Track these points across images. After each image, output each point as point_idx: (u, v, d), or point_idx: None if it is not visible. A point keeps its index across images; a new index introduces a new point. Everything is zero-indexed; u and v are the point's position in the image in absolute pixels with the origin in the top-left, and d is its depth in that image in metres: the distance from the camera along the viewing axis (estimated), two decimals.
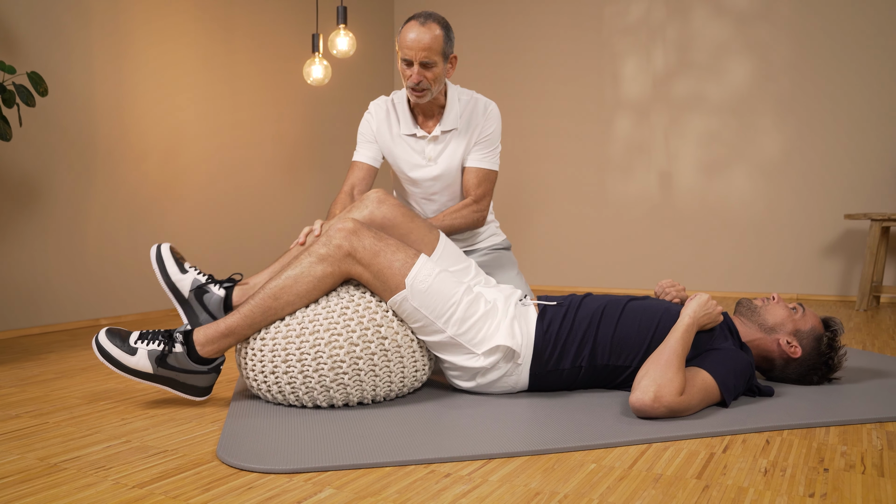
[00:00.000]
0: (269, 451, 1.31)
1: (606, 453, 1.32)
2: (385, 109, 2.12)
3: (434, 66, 1.94)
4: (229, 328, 1.60)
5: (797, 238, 3.97)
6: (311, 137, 4.31)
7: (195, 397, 1.66)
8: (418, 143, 2.09)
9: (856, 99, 3.81)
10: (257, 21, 3.89)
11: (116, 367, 1.58)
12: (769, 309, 1.77)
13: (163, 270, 1.74)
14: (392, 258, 1.61)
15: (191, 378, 1.62)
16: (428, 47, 1.90)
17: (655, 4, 4.27)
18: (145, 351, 1.59)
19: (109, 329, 1.61)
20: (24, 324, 2.86)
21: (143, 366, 1.58)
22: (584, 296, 1.76)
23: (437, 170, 2.09)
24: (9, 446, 1.40)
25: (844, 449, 1.34)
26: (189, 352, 1.60)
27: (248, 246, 3.89)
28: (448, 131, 2.07)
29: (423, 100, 1.99)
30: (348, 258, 1.61)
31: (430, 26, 1.92)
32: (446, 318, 1.61)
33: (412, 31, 1.92)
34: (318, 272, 1.60)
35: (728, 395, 1.55)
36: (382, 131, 2.11)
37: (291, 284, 1.60)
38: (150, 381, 1.60)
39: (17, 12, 2.79)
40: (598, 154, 4.47)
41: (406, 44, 1.92)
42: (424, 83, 1.95)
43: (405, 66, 1.96)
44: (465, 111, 2.07)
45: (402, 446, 1.34)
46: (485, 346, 1.63)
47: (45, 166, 2.90)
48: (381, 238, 1.63)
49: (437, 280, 1.62)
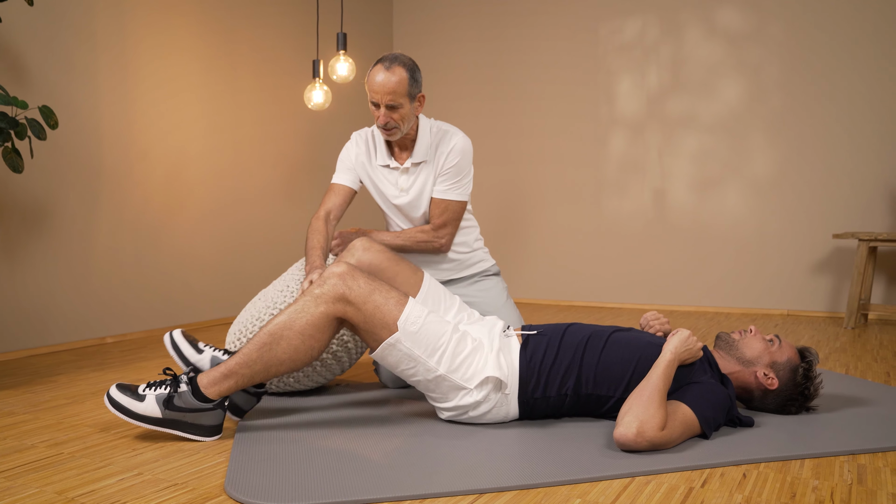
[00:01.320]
0: (273, 486, 1.40)
1: (591, 487, 1.41)
2: (365, 140, 2.25)
3: (400, 107, 2.04)
4: (229, 369, 1.67)
5: (787, 255, 4.06)
6: (311, 161, 4.39)
7: (204, 438, 1.71)
8: (392, 173, 2.21)
9: (845, 119, 3.90)
10: (259, 48, 3.98)
11: (127, 416, 1.66)
12: (746, 342, 1.85)
13: (180, 355, 1.84)
14: (383, 301, 1.69)
15: (199, 417, 1.69)
16: (393, 91, 2.00)
17: (650, 24, 4.36)
18: (153, 396, 1.66)
19: (119, 384, 1.69)
20: (32, 344, 2.94)
21: (151, 410, 1.66)
22: (567, 325, 1.84)
23: (408, 198, 2.21)
24: (27, 479, 1.48)
25: (816, 483, 1.43)
26: (194, 391, 1.67)
27: (250, 266, 3.97)
28: (418, 163, 2.18)
29: (393, 137, 2.11)
30: (342, 300, 1.68)
31: (396, 70, 2.01)
32: (438, 355, 1.69)
33: (379, 74, 2.01)
34: (313, 310, 1.68)
35: (708, 428, 1.64)
36: (362, 161, 2.24)
37: (286, 322, 1.68)
38: (160, 427, 1.67)
39: (26, 43, 2.87)
40: (593, 171, 4.56)
41: (373, 87, 2.02)
42: (391, 123, 2.06)
43: (374, 108, 2.06)
44: (433, 143, 2.18)
45: (398, 480, 1.42)
46: (476, 379, 1.72)
47: (53, 191, 2.99)
48: (373, 281, 1.72)
49: (426, 321, 1.70)
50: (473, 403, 1.74)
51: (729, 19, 4.15)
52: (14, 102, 2.29)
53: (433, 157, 2.18)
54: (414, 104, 2.08)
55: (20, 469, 1.55)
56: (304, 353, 1.69)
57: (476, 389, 1.72)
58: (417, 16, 5.10)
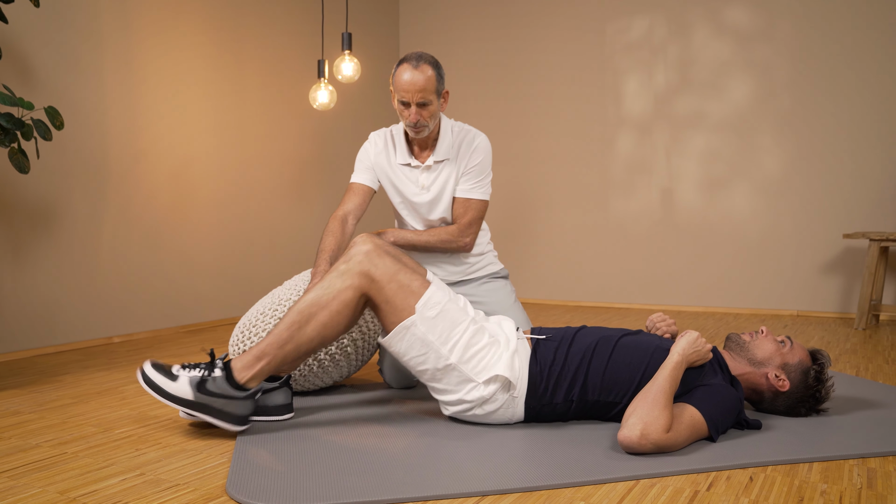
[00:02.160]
0: (275, 487, 1.39)
1: (595, 490, 1.39)
2: (384, 139, 2.25)
3: (430, 104, 2.06)
4: (261, 351, 1.67)
5: (797, 255, 4.02)
6: (317, 160, 4.39)
7: (233, 426, 1.69)
8: (413, 172, 2.21)
9: (855, 118, 3.86)
10: (265, 48, 3.98)
11: (158, 394, 1.65)
12: (757, 343, 1.82)
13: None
14: (407, 282, 1.69)
15: (229, 405, 1.67)
16: (423, 88, 2.02)
17: (657, 22, 4.33)
18: (186, 377, 1.66)
19: (154, 362, 1.69)
20: (39, 343, 2.95)
21: (183, 392, 1.65)
22: (577, 329, 1.82)
23: (430, 196, 2.21)
24: (31, 479, 1.48)
25: (825, 487, 1.40)
26: (228, 377, 1.66)
27: (256, 266, 3.98)
28: (440, 161, 2.19)
29: (422, 135, 2.12)
30: (366, 276, 1.68)
31: (423, 68, 2.03)
32: (452, 343, 1.68)
33: (406, 73, 2.03)
34: (339, 286, 1.67)
35: (715, 430, 1.62)
36: (381, 160, 2.24)
37: (314, 299, 1.67)
38: (189, 409, 1.66)
39: (32, 44, 2.88)
40: (600, 171, 4.53)
41: (402, 86, 2.03)
42: (422, 121, 2.07)
43: (402, 107, 2.07)
44: (456, 142, 2.19)
45: (400, 482, 1.41)
46: (485, 374, 1.70)
47: (60, 192, 3.00)
48: (398, 262, 1.71)
49: (445, 307, 1.70)
50: (479, 399, 1.72)
51: (737, 18, 4.12)
52: (20, 103, 2.29)
53: (455, 156, 2.19)
54: (440, 101, 2.11)
55: (23, 469, 1.54)
56: (332, 328, 1.68)
57: (484, 385, 1.71)
58: (424, 16, 5.10)
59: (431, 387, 1.77)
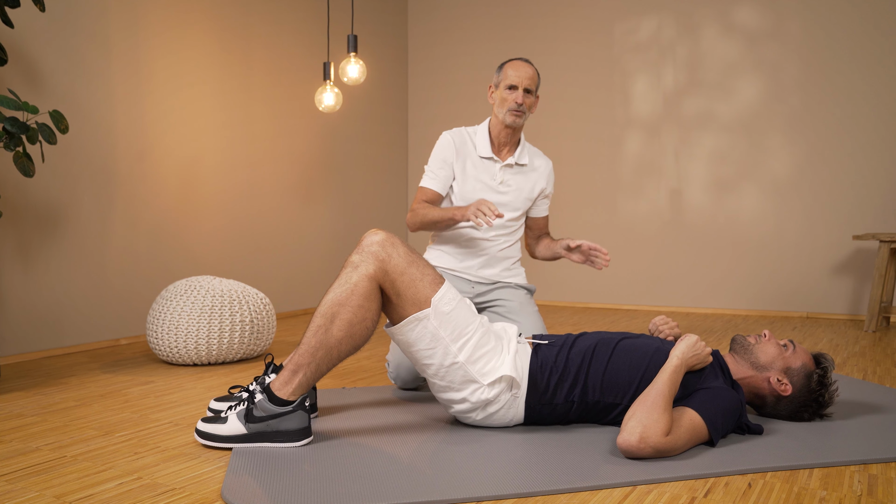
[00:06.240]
0: (271, 492, 1.39)
1: (591, 496, 1.38)
2: (461, 135, 2.39)
3: (532, 93, 2.31)
4: (296, 364, 1.65)
5: (806, 256, 3.98)
6: (324, 162, 4.40)
7: (295, 443, 1.67)
8: (493, 165, 2.35)
9: (865, 119, 3.81)
10: (272, 50, 3.99)
11: (217, 443, 1.67)
12: (761, 347, 1.81)
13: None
14: (420, 275, 1.69)
15: (281, 422, 1.66)
16: (532, 77, 2.30)
17: (666, 23, 4.30)
18: (234, 415, 1.67)
19: (204, 417, 1.71)
20: (47, 345, 2.97)
21: (236, 429, 1.66)
22: (578, 335, 1.82)
23: (507, 197, 2.35)
24: (28, 483, 1.49)
25: (824, 494, 1.38)
26: (271, 398, 1.65)
27: (264, 267, 3.99)
28: (522, 164, 2.38)
29: (519, 122, 2.30)
30: (381, 267, 1.66)
31: (530, 65, 2.32)
32: (462, 342, 1.68)
33: (518, 65, 2.30)
34: (356, 278, 1.66)
35: (716, 434, 1.60)
36: (460, 152, 2.36)
37: (333, 298, 1.65)
38: (250, 443, 1.66)
39: (38, 48, 2.91)
40: (608, 172, 4.51)
41: (515, 72, 2.29)
42: (524, 106, 2.28)
43: (509, 92, 2.28)
44: (533, 156, 2.43)
45: (396, 487, 1.40)
46: (491, 377, 1.70)
47: (68, 194, 3.02)
48: (412, 253, 1.71)
49: (459, 305, 1.70)
50: (483, 401, 1.71)
51: (746, 18, 4.08)
52: (25, 107, 2.31)
53: (531, 167, 2.39)
54: (535, 100, 2.34)
55: (22, 472, 1.55)
56: (358, 325, 1.65)
57: (489, 387, 1.70)
58: (432, 17, 5.09)
59: (434, 383, 1.76)
